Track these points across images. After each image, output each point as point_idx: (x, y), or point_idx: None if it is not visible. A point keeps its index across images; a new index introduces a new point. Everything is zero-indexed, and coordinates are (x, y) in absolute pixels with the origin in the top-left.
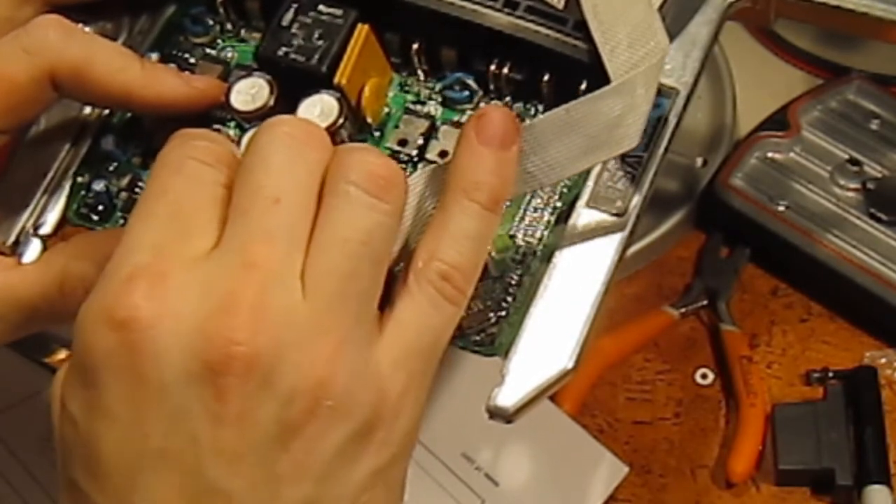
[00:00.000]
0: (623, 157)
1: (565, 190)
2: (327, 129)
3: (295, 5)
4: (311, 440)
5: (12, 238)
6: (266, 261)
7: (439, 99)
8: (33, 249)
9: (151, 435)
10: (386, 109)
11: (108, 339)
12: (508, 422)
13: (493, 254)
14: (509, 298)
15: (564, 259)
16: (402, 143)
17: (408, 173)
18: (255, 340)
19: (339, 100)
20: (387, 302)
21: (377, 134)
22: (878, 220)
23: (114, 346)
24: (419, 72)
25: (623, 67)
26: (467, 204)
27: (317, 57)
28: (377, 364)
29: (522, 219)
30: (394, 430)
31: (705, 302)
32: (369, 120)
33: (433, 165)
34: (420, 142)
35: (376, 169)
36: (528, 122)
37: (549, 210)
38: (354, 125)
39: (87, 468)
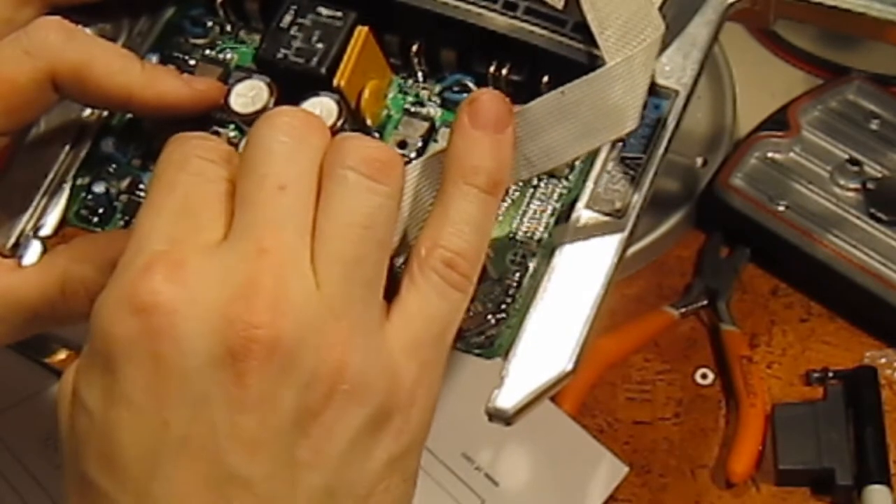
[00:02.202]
0: (622, 159)
1: (564, 191)
2: None
3: (294, 7)
4: (330, 425)
5: (12, 240)
6: (278, 247)
7: (439, 101)
8: (33, 251)
9: (172, 422)
10: (385, 111)
11: (129, 324)
12: (508, 424)
13: (492, 255)
14: (509, 300)
15: (564, 261)
16: (402, 144)
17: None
18: (276, 325)
19: (338, 102)
20: (392, 293)
21: (377, 136)
22: (878, 220)
23: (135, 331)
24: (419, 73)
25: (616, 46)
26: (466, 189)
27: (316, 59)
28: (388, 351)
29: (522, 220)
30: (409, 418)
31: (705, 302)
32: (369, 122)
33: (429, 155)
34: (419, 144)
35: (372, 153)
36: (523, 105)
37: (549, 212)
38: (354, 127)
39: (102, 460)
